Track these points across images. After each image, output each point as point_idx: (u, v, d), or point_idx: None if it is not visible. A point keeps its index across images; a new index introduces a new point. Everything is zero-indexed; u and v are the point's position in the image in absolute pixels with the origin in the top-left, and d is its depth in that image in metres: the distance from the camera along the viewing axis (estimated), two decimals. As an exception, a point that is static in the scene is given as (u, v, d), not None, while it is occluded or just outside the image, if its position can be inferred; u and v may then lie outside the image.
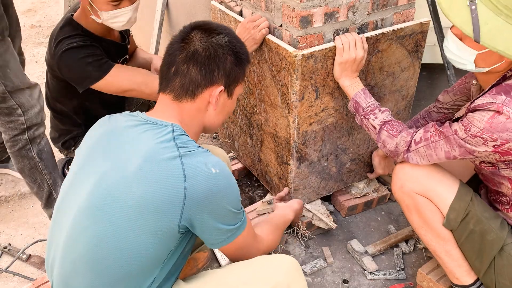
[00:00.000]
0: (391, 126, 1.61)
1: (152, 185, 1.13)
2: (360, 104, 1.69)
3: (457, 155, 1.45)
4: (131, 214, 1.13)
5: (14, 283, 1.93)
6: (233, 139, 2.37)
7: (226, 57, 1.27)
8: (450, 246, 1.58)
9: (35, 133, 1.88)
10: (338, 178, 2.10)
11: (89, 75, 1.82)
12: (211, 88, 1.27)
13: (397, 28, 1.81)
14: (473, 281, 1.61)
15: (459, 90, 1.82)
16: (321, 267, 1.95)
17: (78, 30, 1.88)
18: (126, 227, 1.14)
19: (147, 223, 1.13)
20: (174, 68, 1.26)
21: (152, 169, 1.14)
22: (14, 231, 2.19)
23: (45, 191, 1.97)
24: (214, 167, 1.16)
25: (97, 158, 1.24)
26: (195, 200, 1.14)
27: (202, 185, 1.14)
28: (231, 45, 1.29)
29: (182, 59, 1.25)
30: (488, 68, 1.39)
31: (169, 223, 1.14)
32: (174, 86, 1.26)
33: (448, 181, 1.56)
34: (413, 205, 1.60)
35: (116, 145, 1.23)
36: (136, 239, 1.14)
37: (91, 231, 1.16)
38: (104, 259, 1.16)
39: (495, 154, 1.40)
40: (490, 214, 1.53)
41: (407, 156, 1.56)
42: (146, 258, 1.17)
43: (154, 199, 1.12)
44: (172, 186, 1.12)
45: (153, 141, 1.18)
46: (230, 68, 1.28)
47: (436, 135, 1.48)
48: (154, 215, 1.13)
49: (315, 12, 1.64)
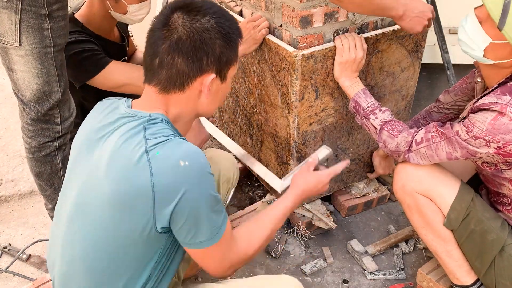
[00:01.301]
0: (391, 126, 1.61)
1: (121, 184, 1.08)
2: (360, 104, 1.68)
3: (458, 156, 1.45)
4: (109, 216, 1.11)
5: (14, 283, 1.93)
6: (233, 139, 2.37)
7: (214, 42, 1.14)
8: (451, 246, 1.58)
9: (64, 141, 1.86)
10: (338, 178, 2.10)
11: (85, 70, 1.82)
12: (202, 77, 1.16)
13: (397, 28, 1.81)
14: (473, 281, 1.61)
15: (461, 90, 1.81)
16: (321, 267, 1.95)
17: (77, 27, 1.89)
18: (109, 229, 1.12)
19: (125, 223, 1.10)
20: (158, 60, 1.15)
21: (118, 168, 1.09)
22: (14, 231, 2.19)
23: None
24: (182, 159, 1.06)
25: (82, 157, 1.22)
26: (164, 197, 1.06)
27: (170, 180, 1.06)
28: (219, 27, 1.15)
29: (166, 50, 1.13)
30: (494, 62, 1.37)
31: (145, 223, 1.09)
32: (160, 78, 1.16)
33: (449, 181, 1.56)
34: (414, 205, 1.60)
35: (94, 145, 1.19)
36: (121, 240, 1.13)
37: (82, 233, 1.16)
38: (97, 260, 1.16)
39: (497, 156, 1.40)
40: (491, 214, 1.53)
41: (408, 156, 1.56)
42: (135, 259, 1.15)
43: (125, 199, 1.08)
44: (139, 184, 1.06)
45: (123, 138, 1.12)
46: (220, 53, 1.16)
47: (438, 136, 1.48)
48: (129, 215, 1.09)
49: (315, 12, 1.64)
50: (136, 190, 1.07)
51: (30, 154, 1.81)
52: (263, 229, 1.31)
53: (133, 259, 1.16)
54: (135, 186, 1.07)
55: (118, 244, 1.14)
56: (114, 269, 1.16)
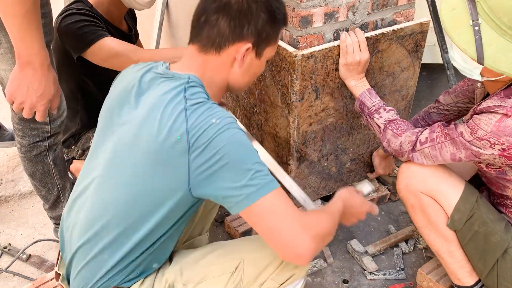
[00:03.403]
0: (395, 125, 1.61)
1: (158, 137, 1.11)
2: (365, 103, 1.69)
3: (462, 157, 1.44)
4: (146, 166, 1.14)
5: (14, 283, 1.93)
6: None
7: (259, 14, 1.19)
8: (454, 246, 1.58)
9: (55, 141, 1.87)
10: (338, 178, 2.10)
11: (84, 37, 1.83)
12: (239, 43, 1.20)
13: (397, 28, 1.81)
14: (474, 282, 1.61)
15: (461, 92, 1.80)
16: (321, 267, 1.95)
17: (86, 7, 1.92)
18: (144, 177, 1.14)
19: (161, 176, 1.12)
20: (204, 17, 1.20)
21: (157, 120, 1.12)
22: (14, 231, 2.19)
23: (54, 195, 1.97)
24: (215, 118, 1.10)
25: (116, 114, 1.25)
26: (198, 153, 1.08)
27: (203, 135, 1.08)
28: (268, 2, 1.21)
29: (213, 9, 1.19)
30: (494, 78, 1.37)
31: (180, 178, 1.11)
32: (202, 36, 1.21)
33: (453, 181, 1.56)
34: (418, 205, 1.60)
35: (131, 102, 1.23)
36: (155, 193, 1.15)
37: (118, 180, 1.19)
38: (129, 202, 1.18)
39: (502, 158, 1.39)
40: (494, 216, 1.53)
41: (412, 156, 1.56)
42: (161, 215, 1.17)
43: (161, 152, 1.11)
44: (176, 139, 1.10)
45: (163, 93, 1.16)
46: (262, 26, 1.20)
47: (442, 136, 1.47)
48: (166, 168, 1.11)
49: (315, 12, 1.64)
50: (174, 146, 1.09)
51: (22, 153, 1.82)
52: (324, 215, 1.25)
53: (159, 214, 1.17)
54: (173, 142, 1.09)
55: (151, 196, 1.15)
56: (141, 218, 1.18)
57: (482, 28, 1.27)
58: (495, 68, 1.26)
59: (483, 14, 1.27)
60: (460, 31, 1.30)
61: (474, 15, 1.28)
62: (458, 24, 1.31)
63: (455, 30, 1.31)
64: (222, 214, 2.23)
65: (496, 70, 1.26)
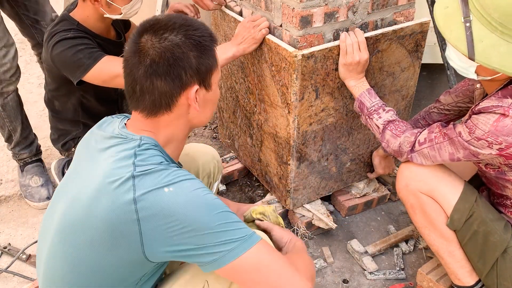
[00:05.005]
0: (394, 126, 1.62)
1: (106, 209, 1.07)
2: (364, 104, 1.69)
3: (461, 157, 1.45)
4: (92, 237, 1.10)
5: (14, 283, 1.93)
6: (233, 139, 2.37)
7: (188, 55, 1.13)
8: (454, 246, 1.58)
9: (3, 90, 2.19)
10: (338, 178, 2.10)
11: (81, 63, 1.82)
12: (185, 92, 1.15)
13: (397, 28, 1.81)
14: (474, 282, 1.61)
15: (462, 92, 1.80)
16: (321, 267, 1.95)
17: (73, 25, 1.90)
18: (90, 250, 1.11)
19: (110, 247, 1.09)
20: (138, 87, 1.14)
21: (104, 193, 1.08)
22: (14, 231, 2.19)
23: (6, 132, 2.34)
24: (168, 187, 1.05)
25: (73, 173, 1.23)
26: (151, 226, 1.05)
27: (153, 206, 1.04)
28: (188, 38, 1.13)
29: (143, 76, 1.12)
30: (490, 77, 1.37)
31: (132, 250, 1.08)
32: (146, 104, 1.16)
33: (453, 181, 1.56)
34: (417, 205, 1.60)
35: (85, 163, 1.20)
36: (103, 262, 1.11)
37: (63, 254, 1.16)
38: (79, 281, 1.15)
39: (500, 158, 1.40)
40: (494, 215, 1.53)
41: (411, 156, 1.56)
42: (118, 281, 1.14)
43: (111, 225, 1.07)
44: (123, 209, 1.05)
45: (111, 160, 1.12)
46: (197, 64, 1.14)
47: (441, 137, 1.48)
48: (114, 240, 1.08)
49: (315, 12, 1.64)
50: (122, 216, 1.06)
51: None
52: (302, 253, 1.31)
53: (118, 281, 1.14)
54: (121, 213, 1.06)
55: (105, 267, 1.12)
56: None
57: (473, 24, 1.28)
58: (486, 64, 1.27)
59: (475, 11, 1.28)
60: (452, 28, 1.31)
61: (465, 12, 1.29)
62: (450, 22, 1.32)
63: (447, 27, 1.33)
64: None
65: (487, 66, 1.27)
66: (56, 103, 2.13)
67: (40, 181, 2.36)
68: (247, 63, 1.97)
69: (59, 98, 2.10)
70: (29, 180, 2.36)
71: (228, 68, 2.15)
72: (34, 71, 3.62)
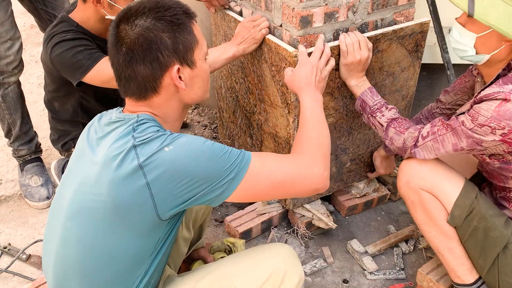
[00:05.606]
0: (398, 123, 1.62)
1: (115, 184, 1.10)
2: (367, 102, 1.69)
3: (464, 147, 1.46)
4: (105, 217, 1.13)
5: (14, 283, 1.93)
6: (233, 139, 2.37)
7: (161, 36, 1.14)
8: (454, 243, 1.58)
9: (5, 80, 2.20)
10: (338, 178, 2.10)
11: (80, 65, 1.82)
12: (167, 73, 1.17)
13: (397, 28, 1.81)
14: (474, 280, 1.61)
15: (460, 89, 1.82)
16: (321, 267, 1.95)
17: (72, 27, 1.90)
18: (104, 230, 1.14)
19: (124, 222, 1.12)
20: (123, 75, 1.19)
21: (110, 170, 1.11)
22: (14, 231, 2.19)
23: (6, 125, 2.34)
24: (167, 146, 1.11)
25: (79, 161, 1.25)
26: (160, 185, 1.09)
27: (159, 166, 1.09)
28: (158, 20, 1.15)
29: (123, 64, 1.17)
30: (489, 55, 1.40)
31: (146, 215, 1.11)
32: (133, 90, 1.20)
33: (453, 178, 1.57)
34: (418, 201, 1.60)
35: (89, 148, 1.22)
36: (118, 240, 1.14)
37: (76, 237, 1.17)
38: (92, 263, 1.17)
39: (503, 145, 1.40)
40: (494, 211, 1.53)
41: (414, 151, 1.57)
42: (133, 255, 1.17)
43: (121, 198, 1.10)
44: (131, 179, 1.09)
45: (112, 141, 1.15)
46: (172, 43, 1.16)
47: (443, 128, 1.49)
48: (128, 212, 1.11)
49: (315, 12, 1.64)
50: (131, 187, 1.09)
51: None
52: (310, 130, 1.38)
53: (133, 256, 1.17)
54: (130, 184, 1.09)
55: (120, 244, 1.15)
56: (115, 269, 1.17)
57: None
58: (484, 20, 1.31)
59: None
60: None
61: None
62: None
63: None
64: (222, 214, 2.23)
65: (485, 22, 1.31)
66: (56, 104, 2.13)
67: (40, 180, 2.36)
68: (247, 63, 1.97)
69: (58, 99, 2.10)
70: (29, 179, 2.36)
71: (228, 68, 2.15)
72: (34, 71, 3.62)
